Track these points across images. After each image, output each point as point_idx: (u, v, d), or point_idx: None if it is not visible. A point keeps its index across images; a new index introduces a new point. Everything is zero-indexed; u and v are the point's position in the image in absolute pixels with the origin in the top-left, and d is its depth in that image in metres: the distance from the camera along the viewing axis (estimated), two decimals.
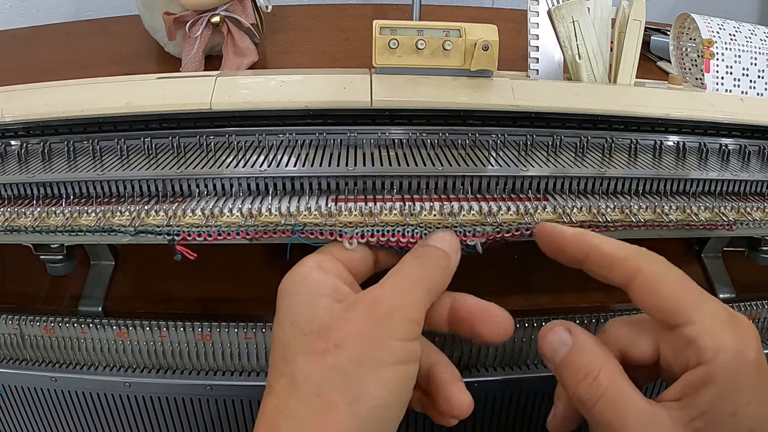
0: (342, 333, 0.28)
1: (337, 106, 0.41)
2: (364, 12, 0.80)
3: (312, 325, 0.29)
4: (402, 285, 0.30)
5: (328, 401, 0.27)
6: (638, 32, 0.47)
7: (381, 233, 0.34)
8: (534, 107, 0.42)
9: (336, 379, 0.27)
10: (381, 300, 0.29)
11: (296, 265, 0.32)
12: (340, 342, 0.28)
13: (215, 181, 0.37)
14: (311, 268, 0.31)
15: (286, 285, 0.31)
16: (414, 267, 0.31)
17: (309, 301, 0.30)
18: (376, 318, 0.28)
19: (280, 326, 0.30)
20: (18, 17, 0.93)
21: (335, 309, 0.29)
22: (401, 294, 0.30)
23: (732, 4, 1.15)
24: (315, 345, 0.28)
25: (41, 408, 0.43)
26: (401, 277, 0.31)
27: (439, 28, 0.42)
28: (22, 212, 0.35)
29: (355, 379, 0.27)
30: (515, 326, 0.40)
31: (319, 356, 0.28)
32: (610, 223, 0.36)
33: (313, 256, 0.32)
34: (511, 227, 0.35)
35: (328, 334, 0.28)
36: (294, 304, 0.30)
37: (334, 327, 0.28)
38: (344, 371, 0.27)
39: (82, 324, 0.40)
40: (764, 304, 0.43)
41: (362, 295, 0.30)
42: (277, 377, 0.29)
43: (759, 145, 0.45)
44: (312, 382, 0.27)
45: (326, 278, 0.31)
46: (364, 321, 0.28)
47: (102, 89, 0.42)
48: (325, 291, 0.30)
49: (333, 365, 0.27)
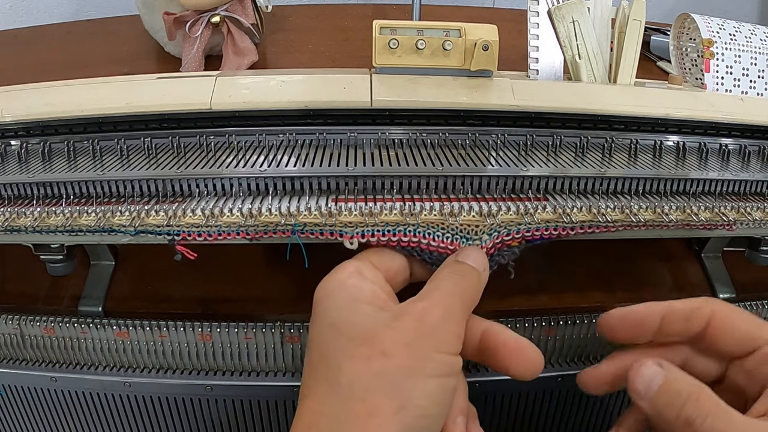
0: (389, 342, 0.28)
1: (337, 106, 0.41)
2: (364, 12, 0.80)
3: (356, 331, 0.29)
4: (447, 300, 0.31)
5: (373, 407, 0.27)
6: (638, 32, 0.47)
7: (381, 233, 0.34)
8: (534, 107, 0.42)
9: (382, 386, 0.27)
10: (429, 313, 0.29)
11: (335, 270, 0.32)
12: (387, 351, 0.28)
13: (215, 181, 0.37)
14: (350, 273, 0.32)
15: (326, 289, 0.31)
16: (453, 282, 0.32)
17: (350, 306, 0.30)
18: (424, 330, 0.29)
19: (319, 329, 0.30)
20: (18, 17, 0.93)
21: (380, 317, 0.29)
22: (447, 309, 0.30)
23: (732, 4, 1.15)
24: (360, 351, 0.28)
25: (41, 408, 0.43)
26: (444, 293, 0.31)
27: (439, 28, 0.42)
28: (22, 212, 0.35)
29: (402, 388, 0.28)
30: (516, 327, 0.41)
31: (364, 362, 0.28)
32: (610, 223, 0.36)
33: (352, 261, 0.33)
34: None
35: (374, 342, 0.28)
36: (334, 308, 0.30)
37: (381, 335, 0.29)
38: (391, 379, 0.28)
39: (82, 324, 0.40)
40: (764, 304, 0.44)
41: (408, 307, 0.30)
42: (317, 380, 0.29)
43: (759, 145, 0.45)
44: (357, 387, 0.27)
45: (366, 285, 0.31)
46: (412, 332, 0.29)
47: (102, 89, 0.42)
48: (366, 298, 0.30)
49: (379, 372, 0.28)
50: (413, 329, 0.29)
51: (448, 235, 0.35)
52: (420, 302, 0.30)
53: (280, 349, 0.40)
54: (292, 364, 0.40)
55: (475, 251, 0.34)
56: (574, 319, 0.41)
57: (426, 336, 0.29)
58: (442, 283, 0.32)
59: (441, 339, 0.29)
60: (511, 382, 0.41)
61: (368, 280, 0.32)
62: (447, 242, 0.35)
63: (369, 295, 0.31)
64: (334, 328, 0.29)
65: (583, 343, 0.42)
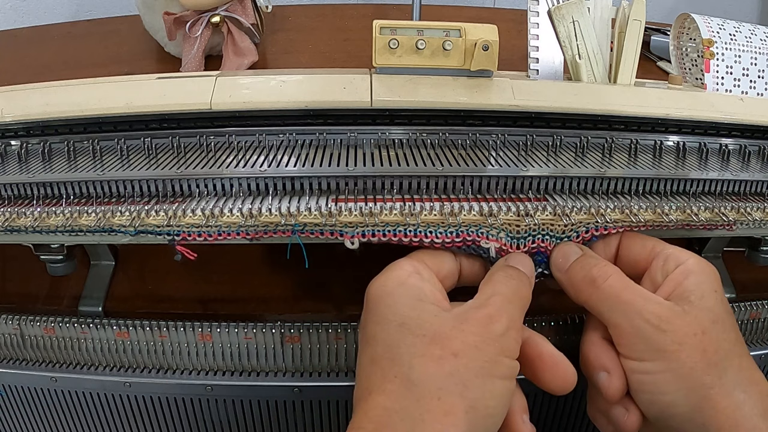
0: (460, 343, 0.29)
1: (337, 106, 0.41)
2: (364, 12, 0.80)
3: (424, 329, 0.30)
4: (508, 307, 0.31)
5: (448, 405, 0.28)
6: (638, 32, 0.47)
7: (381, 233, 0.34)
8: (534, 107, 0.42)
9: (455, 386, 0.28)
10: (495, 320, 0.30)
11: (391, 268, 0.32)
12: (458, 352, 0.29)
13: (215, 181, 0.37)
14: (410, 273, 0.32)
15: (385, 287, 0.32)
16: (511, 288, 0.32)
17: (415, 305, 0.30)
18: (492, 335, 0.30)
19: (382, 326, 0.31)
20: (18, 17, 0.93)
21: (446, 318, 0.30)
22: (510, 316, 0.31)
23: (732, 4, 1.15)
24: (431, 350, 0.29)
25: (41, 408, 0.43)
26: (504, 299, 0.32)
27: (439, 28, 0.42)
28: (22, 212, 0.35)
29: (473, 388, 0.28)
30: None
31: (436, 361, 0.29)
32: (610, 223, 0.36)
33: (408, 261, 0.33)
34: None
35: (445, 342, 0.29)
36: (398, 305, 0.31)
37: (451, 336, 0.29)
38: (463, 379, 0.28)
39: (82, 324, 0.40)
40: (764, 304, 0.43)
41: (473, 312, 0.31)
42: (386, 377, 0.29)
43: (759, 145, 0.45)
44: (431, 385, 0.28)
45: (425, 285, 0.32)
46: (480, 336, 0.30)
47: (102, 89, 0.42)
48: (430, 298, 0.31)
49: (452, 372, 0.28)
50: (480, 333, 0.30)
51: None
52: (484, 308, 0.31)
53: (280, 349, 0.40)
54: (292, 364, 0.40)
55: (524, 257, 0.35)
56: (574, 319, 0.41)
57: (493, 341, 0.30)
58: (500, 288, 0.32)
59: (505, 344, 0.30)
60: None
61: (427, 280, 0.32)
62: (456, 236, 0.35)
63: (431, 295, 0.31)
64: (403, 326, 0.30)
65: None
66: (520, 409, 0.32)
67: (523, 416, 0.32)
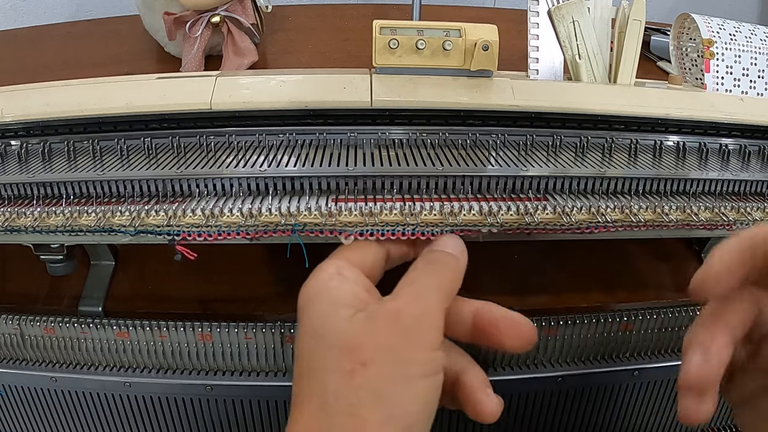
0: (368, 350, 0.28)
1: (337, 106, 0.41)
2: (364, 12, 0.80)
3: (335, 340, 0.28)
4: (421, 294, 0.30)
5: (360, 420, 0.27)
6: (638, 32, 0.47)
7: (381, 233, 0.34)
8: (534, 107, 0.42)
9: (367, 398, 0.27)
10: (403, 311, 0.29)
11: (315, 272, 0.31)
12: (367, 360, 0.28)
13: (215, 181, 0.37)
14: (331, 275, 0.31)
15: (307, 294, 0.31)
16: (428, 274, 0.31)
17: (331, 312, 0.29)
18: (401, 330, 0.28)
19: (302, 340, 0.30)
20: (18, 17, 0.93)
21: (357, 321, 0.29)
22: (421, 303, 0.30)
23: (732, 4, 1.15)
24: (341, 364, 0.28)
25: (41, 408, 0.43)
26: (418, 287, 0.30)
27: (439, 28, 0.42)
28: (22, 212, 0.35)
29: (386, 397, 0.27)
30: None
31: (347, 376, 0.27)
32: (610, 223, 0.36)
33: (331, 262, 0.32)
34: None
35: (354, 352, 0.28)
36: (315, 316, 0.30)
37: (360, 343, 0.28)
38: (374, 389, 0.27)
39: (82, 324, 0.40)
40: None
41: (383, 307, 0.29)
42: (306, 396, 0.28)
43: (759, 145, 0.45)
44: (343, 402, 0.27)
45: (346, 286, 0.31)
46: (389, 335, 0.28)
47: (102, 89, 0.42)
48: (346, 300, 0.30)
49: (362, 384, 0.27)
50: (389, 332, 0.28)
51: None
52: (393, 301, 0.30)
53: (280, 349, 0.40)
54: (292, 364, 0.40)
55: (451, 238, 0.34)
56: (574, 319, 0.41)
57: (404, 337, 0.28)
58: (415, 275, 0.31)
59: (420, 337, 0.29)
60: (511, 382, 0.41)
61: (349, 280, 0.31)
62: None
63: (350, 296, 0.30)
64: (316, 338, 0.29)
65: (583, 343, 0.42)
66: (481, 384, 0.32)
67: (486, 390, 0.31)
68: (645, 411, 0.46)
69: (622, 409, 0.46)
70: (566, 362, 0.42)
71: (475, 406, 0.31)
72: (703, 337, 0.29)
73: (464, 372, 0.32)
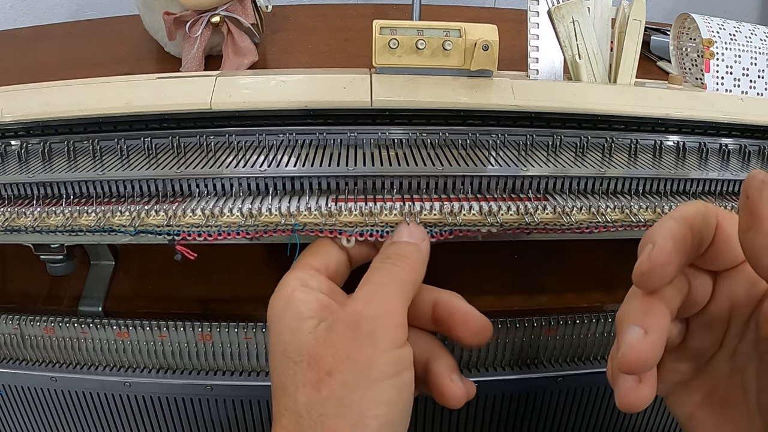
0: (331, 359, 0.28)
1: (337, 106, 0.41)
2: (364, 12, 0.80)
3: (301, 354, 0.29)
4: (378, 293, 0.30)
5: (331, 430, 0.27)
6: (638, 32, 0.47)
7: (381, 233, 0.34)
8: (534, 107, 0.42)
9: (334, 408, 0.27)
10: (361, 314, 0.29)
11: (279, 286, 0.32)
12: (331, 369, 0.28)
13: (215, 181, 0.37)
14: (294, 287, 0.31)
15: (274, 309, 0.31)
16: (385, 271, 0.31)
17: (295, 326, 0.29)
18: (361, 335, 0.28)
19: (273, 356, 0.30)
20: (18, 17, 0.93)
21: (320, 331, 0.29)
22: (379, 303, 0.29)
23: (732, 4, 1.15)
24: (308, 376, 0.28)
25: (41, 408, 0.43)
26: (375, 286, 0.30)
27: (439, 28, 0.42)
28: (22, 212, 0.35)
29: (353, 404, 0.27)
30: (516, 327, 0.41)
31: (314, 387, 0.28)
32: (610, 223, 0.36)
33: (294, 273, 0.32)
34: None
35: (319, 363, 0.28)
36: (281, 331, 0.30)
37: (323, 354, 0.28)
38: (340, 398, 0.27)
39: (82, 324, 0.40)
40: None
41: (342, 314, 0.29)
42: (282, 410, 0.29)
43: (759, 145, 0.45)
44: (314, 414, 0.27)
45: (309, 296, 0.31)
46: (349, 342, 0.28)
47: (102, 89, 0.42)
48: (310, 311, 0.30)
49: (329, 395, 0.27)
50: (349, 338, 0.28)
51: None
52: (351, 305, 0.29)
53: None
54: None
55: (410, 227, 0.33)
56: (574, 319, 0.41)
57: (363, 341, 0.28)
58: (373, 275, 0.31)
59: (380, 338, 0.28)
60: (512, 382, 0.41)
61: (312, 289, 0.31)
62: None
63: (313, 306, 0.30)
64: (285, 354, 0.29)
65: (583, 343, 0.42)
66: (447, 369, 0.32)
67: (451, 376, 0.31)
68: (645, 411, 0.46)
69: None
70: (566, 362, 0.42)
71: (440, 392, 0.31)
72: (639, 312, 0.26)
73: (433, 358, 0.32)
